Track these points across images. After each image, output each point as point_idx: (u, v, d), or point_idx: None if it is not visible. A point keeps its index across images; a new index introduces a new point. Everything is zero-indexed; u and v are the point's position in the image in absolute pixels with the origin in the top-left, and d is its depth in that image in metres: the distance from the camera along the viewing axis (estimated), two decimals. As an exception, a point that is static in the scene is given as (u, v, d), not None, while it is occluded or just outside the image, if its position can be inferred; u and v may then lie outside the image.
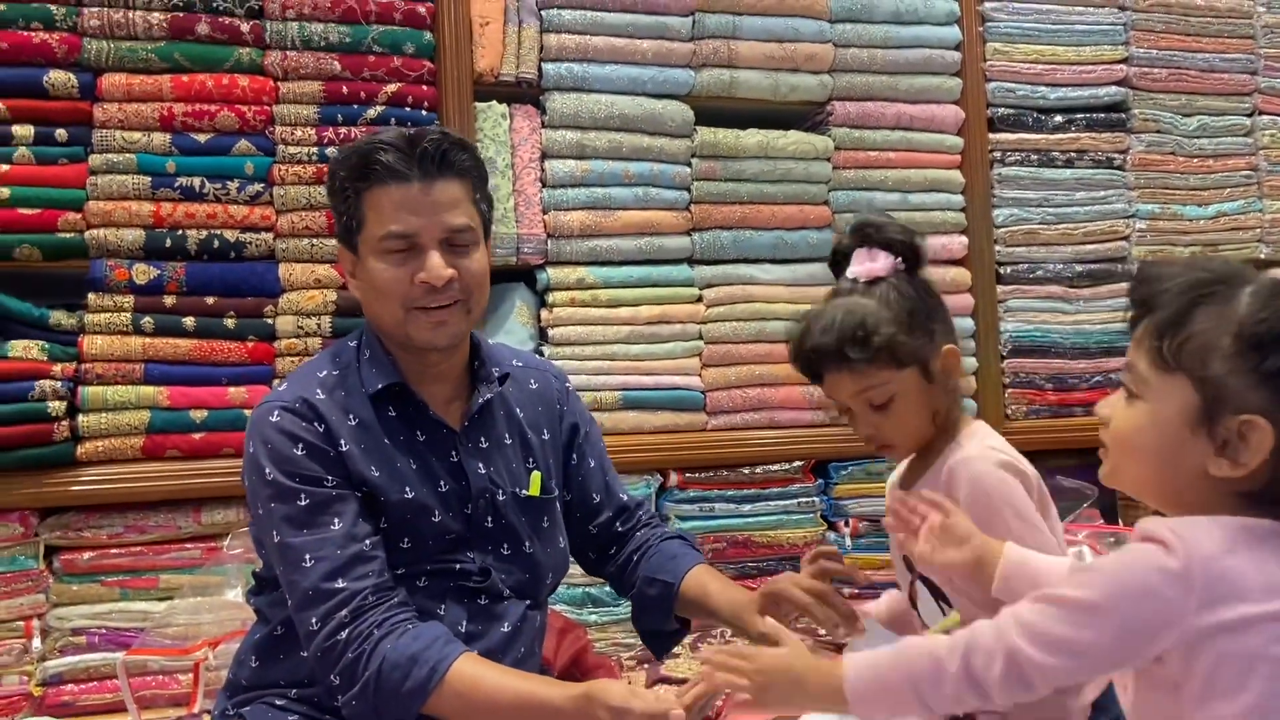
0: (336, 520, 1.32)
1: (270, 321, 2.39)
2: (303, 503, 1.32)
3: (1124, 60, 2.99)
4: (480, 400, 1.46)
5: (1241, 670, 0.85)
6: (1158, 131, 3.01)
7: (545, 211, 2.63)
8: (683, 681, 2.20)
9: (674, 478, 2.64)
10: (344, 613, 1.27)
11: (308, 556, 1.29)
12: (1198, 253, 3.02)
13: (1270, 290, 0.90)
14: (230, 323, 2.37)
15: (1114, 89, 2.98)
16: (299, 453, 1.34)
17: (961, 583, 1.21)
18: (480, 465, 1.45)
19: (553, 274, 2.63)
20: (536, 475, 1.50)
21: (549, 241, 2.63)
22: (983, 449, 1.29)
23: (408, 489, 1.38)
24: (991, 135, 2.91)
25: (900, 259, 1.33)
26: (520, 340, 2.57)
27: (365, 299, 1.43)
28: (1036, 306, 2.92)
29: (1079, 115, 2.96)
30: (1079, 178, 2.96)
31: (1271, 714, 0.85)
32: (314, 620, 1.28)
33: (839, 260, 1.37)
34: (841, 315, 1.29)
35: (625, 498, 1.65)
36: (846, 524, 2.74)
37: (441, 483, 1.41)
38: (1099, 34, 2.97)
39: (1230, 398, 0.88)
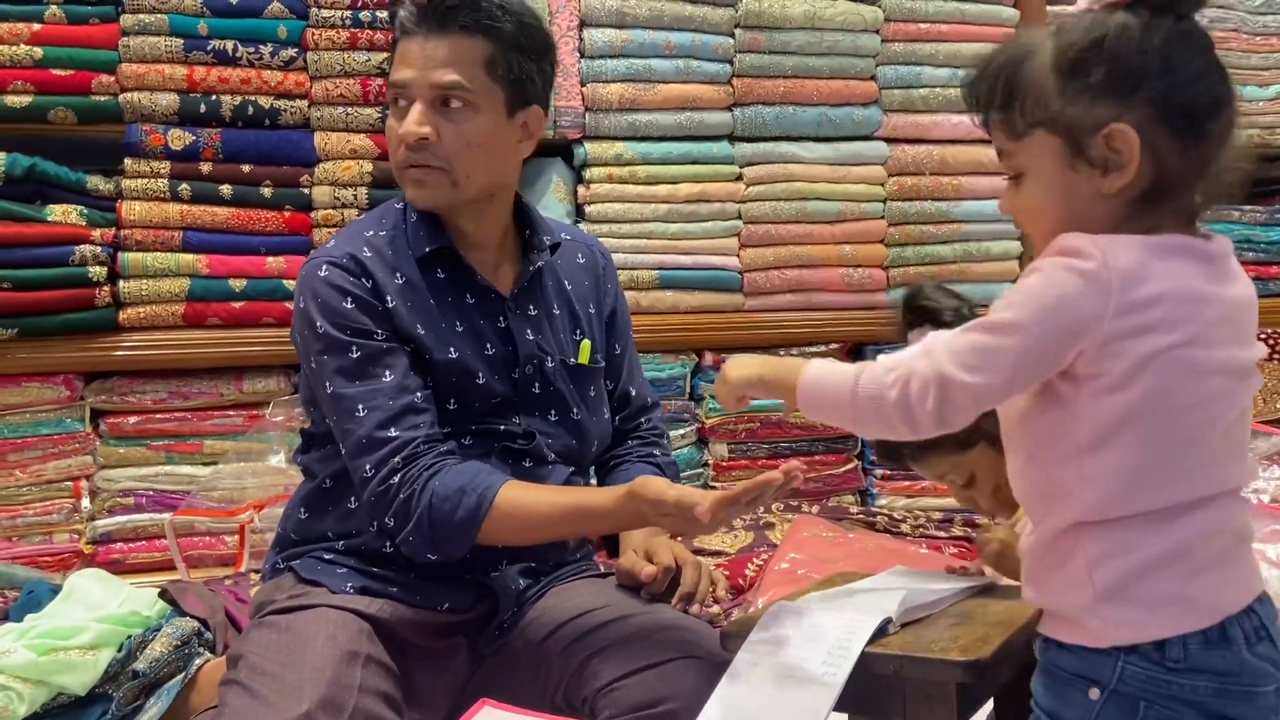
0: (388, 372, 1.33)
1: (306, 191, 2.37)
2: (354, 355, 1.33)
3: (1191, -70, 2.84)
4: (533, 267, 1.46)
5: (1138, 365, 0.91)
6: (1222, 7, 2.88)
7: (583, 83, 2.57)
8: (715, 554, 2.25)
9: (709, 358, 2.63)
10: (397, 459, 1.29)
11: (360, 406, 1.31)
12: (1254, 136, 2.92)
13: (1063, 27, 0.97)
14: (267, 191, 2.35)
15: (1180, -39, 2.84)
16: (348, 306, 1.35)
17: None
18: (529, 331, 1.44)
19: (590, 149, 2.58)
20: (586, 344, 1.50)
21: (587, 115, 2.57)
22: None
23: (452, 349, 1.39)
24: (1049, 7, 2.79)
25: None
26: (557, 217, 2.53)
27: None
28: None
29: (1141, -11, 2.83)
30: (1137, 55, 2.84)
31: (1149, 412, 0.91)
32: (368, 467, 1.30)
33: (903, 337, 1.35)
34: None
35: (638, 395, 1.60)
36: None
37: (488, 346, 1.41)
38: (1167, -99, 2.82)
39: (1084, 122, 0.95)
